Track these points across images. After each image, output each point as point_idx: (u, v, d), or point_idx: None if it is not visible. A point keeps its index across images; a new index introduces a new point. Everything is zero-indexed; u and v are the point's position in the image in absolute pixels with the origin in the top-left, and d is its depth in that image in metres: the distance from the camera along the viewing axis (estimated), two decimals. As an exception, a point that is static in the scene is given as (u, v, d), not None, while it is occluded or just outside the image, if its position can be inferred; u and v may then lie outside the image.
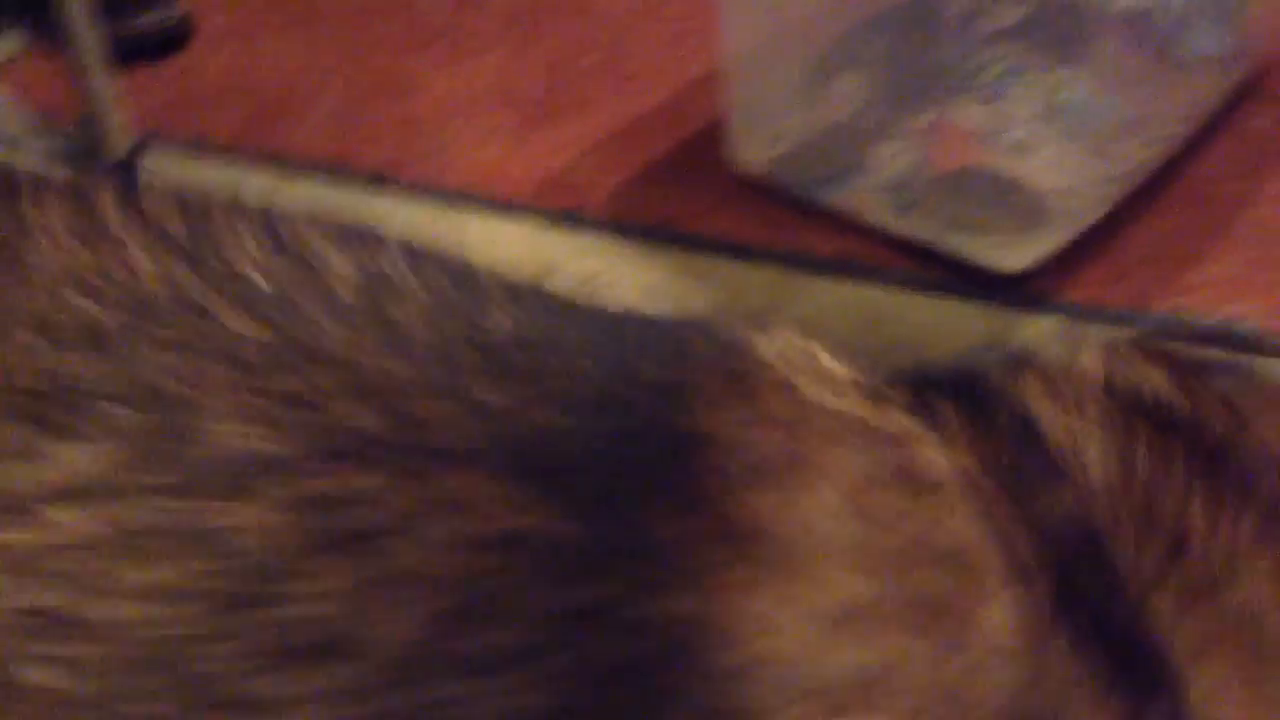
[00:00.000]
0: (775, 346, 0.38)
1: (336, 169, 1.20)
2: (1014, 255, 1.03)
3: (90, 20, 1.12)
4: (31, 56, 1.34)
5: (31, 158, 1.15)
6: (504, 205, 1.15)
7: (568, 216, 1.14)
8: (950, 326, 1.01)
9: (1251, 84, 1.24)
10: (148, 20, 1.36)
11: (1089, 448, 0.38)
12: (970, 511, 0.37)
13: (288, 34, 1.41)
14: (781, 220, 1.11)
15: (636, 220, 1.13)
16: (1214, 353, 0.40)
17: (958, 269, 1.04)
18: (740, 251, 1.08)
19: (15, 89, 1.30)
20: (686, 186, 1.16)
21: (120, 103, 1.16)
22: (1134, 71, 1.17)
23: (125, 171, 1.17)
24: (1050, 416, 0.39)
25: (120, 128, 1.17)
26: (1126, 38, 1.18)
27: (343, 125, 1.29)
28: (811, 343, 0.39)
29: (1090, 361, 0.41)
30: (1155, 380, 0.39)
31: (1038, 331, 1.00)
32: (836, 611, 0.34)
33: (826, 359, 0.38)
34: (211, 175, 1.20)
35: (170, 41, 1.37)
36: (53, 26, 1.13)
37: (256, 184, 0.45)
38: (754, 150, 1.14)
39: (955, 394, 0.39)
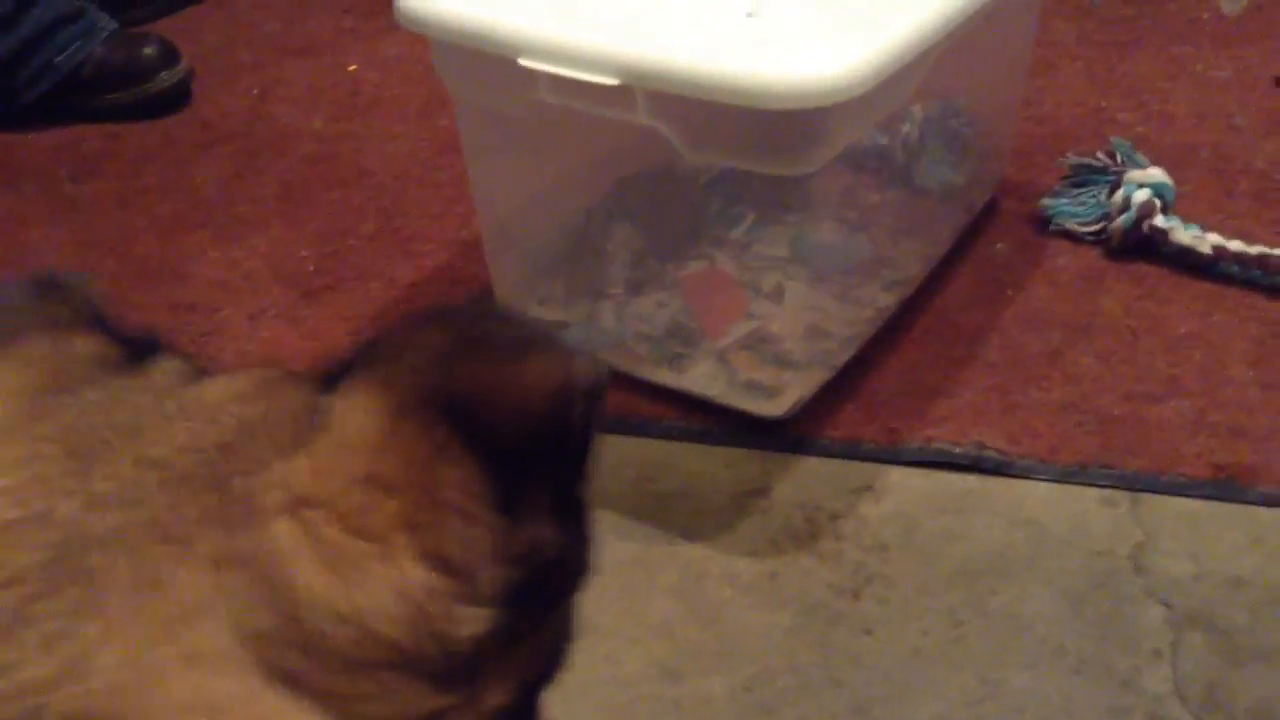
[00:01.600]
0: None
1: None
2: (775, 402, 1.07)
3: None
4: None
5: None
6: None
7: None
8: (721, 473, 1.04)
9: (991, 210, 1.33)
10: None
11: None
12: None
13: (55, 221, 1.40)
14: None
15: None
16: None
17: (723, 416, 1.08)
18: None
19: None
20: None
21: None
22: (874, 211, 1.24)
23: None
24: None
25: None
26: (866, 175, 1.26)
27: (115, 311, 1.28)
28: None
29: None
30: None
31: (802, 471, 1.04)
32: None
33: None
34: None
35: None
36: None
37: None
38: (524, 307, 1.17)
39: None
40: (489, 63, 0.94)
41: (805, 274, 1.16)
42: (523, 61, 0.92)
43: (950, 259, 1.25)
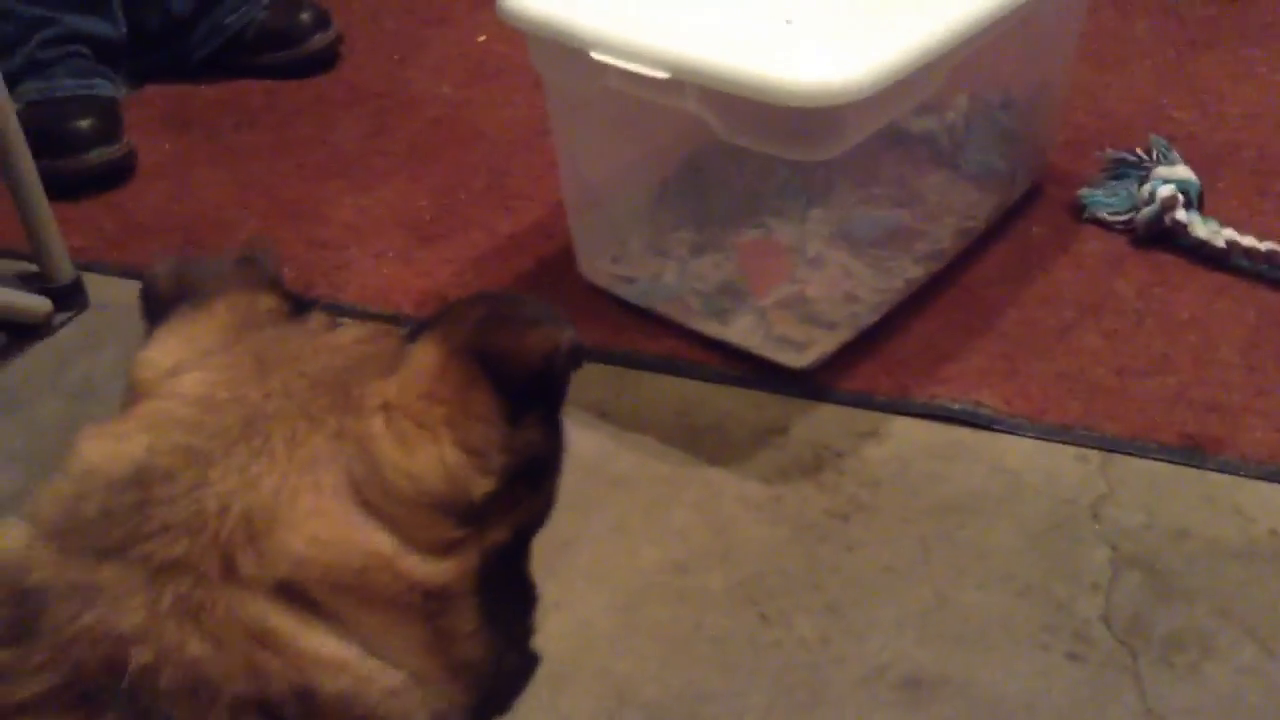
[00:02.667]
0: None
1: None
2: (803, 355, 1.24)
3: (26, 155, 1.33)
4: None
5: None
6: (391, 316, 1.36)
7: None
8: (747, 412, 1.21)
9: (1032, 193, 1.46)
10: (95, 155, 1.57)
11: None
12: None
13: (218, 164, 1.64)
14: (621, 323, 1.32)
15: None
16: None
17: (758, 365, 1.25)
18: (587, 352, 1.28)
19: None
20: (545, 294, 1.37)
21: (60, 232, 1.38)
22: (917, 189, 1.39)
23: (71, 297, 1.38)
24: None
25: (61, 256, 1.38)
26: (913, 158, 1.40)
27: (276, 264, 1.50)
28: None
29: None
30: None
31: (818, 416, 1.20)
32: None
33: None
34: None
35: (115, 175, 1.59)
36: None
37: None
38: (597, 264, 1.36)
39: None
40: (568, 54, 1.13)
41: (846, 245, 1.32)
42: (594, 55, 1.10)
43: (986, 238, 1.39)
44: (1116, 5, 1.84)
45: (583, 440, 1.17)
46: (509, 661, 0.55)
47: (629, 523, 1.10)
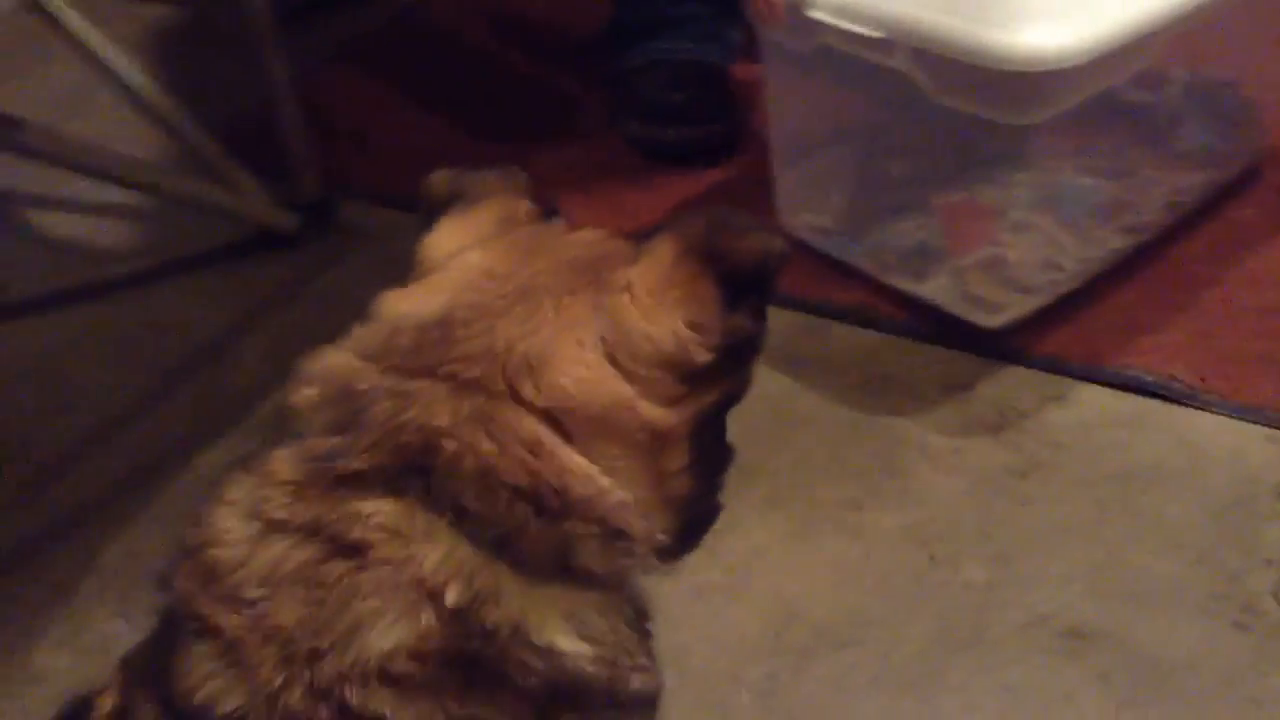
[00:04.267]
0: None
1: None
2: (995, 316, 1.26)
3: (283, 71, 1.47)
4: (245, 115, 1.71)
5: (251, 201, 1.51)
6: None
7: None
8: (934, 367, 1.25)
9: (1248, 175, 1.43)
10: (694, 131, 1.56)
11: None
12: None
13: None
14: (816, 274, 1.36)
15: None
16: None
17: (949, 323, 1.28)
18: (778, 298, 1.34)
19: (234, 144, 1.67)
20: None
21: (312, 153, 1.51)
22: (1128, 161, 1.38)
23: (319, 214, 1.52)
24: None
25: (312, 175, 1.52)
26: (1126, 129, 1.39)
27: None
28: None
29: None
30: None
31: (1006, 376, 1.23)
32: None
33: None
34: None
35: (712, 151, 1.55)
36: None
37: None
38: (798, 216, 1.41)
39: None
40: (786, 9, 1.18)
41: (1051, 212, 1.33)
42: (811, 13, 1.15)
43: (1195, 215, 1.38)
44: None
45: (770, 381, 1.23)
46: (703, 503, 0.66)
47: (809, 459, 1.16)
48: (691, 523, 0.64)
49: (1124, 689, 0.95)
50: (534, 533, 0.58)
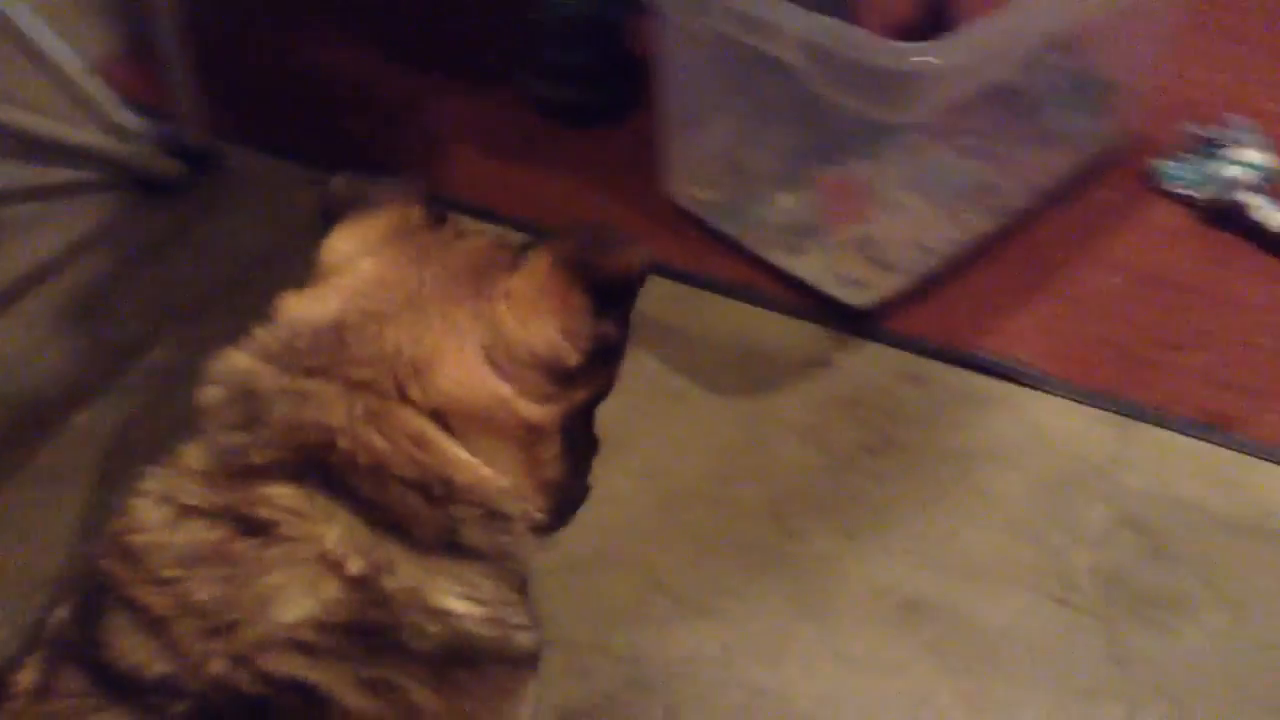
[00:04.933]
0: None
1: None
2: (862, 294, 1.34)
3: (176, 32, 1.47)
4: (129, 58, 1.70)
5: (133, 146, 1.52)
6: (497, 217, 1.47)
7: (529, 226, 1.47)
8: (800, 342, 1.32)
9: (1112, 158, 1.52)
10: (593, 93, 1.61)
11: None
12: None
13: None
14: (700, 246, 1.42)
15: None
16: None
17: (819, 299, 1.35)
18: (659, 268, 1.40)
19: (116, 87, 1.66)
20: (635, 210, 1.47)
21: (200, 100, 1.52)
22: (997, 141, 1.45)
23: (205, 161, 1.53)
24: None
25: (199, 122, 1.53)
26: (997, 108, 1.46)
27: (370, 142, 1.63)
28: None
29: None
30: None
31: (866, 354, 1.31)
32: None
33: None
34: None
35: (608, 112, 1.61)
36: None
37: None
38: (687, 186, 1.46)
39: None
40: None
41: (920, 192, 1.40)
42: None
43: (1058, 198, 1.46)
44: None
45: (649, 356, 1.30)
46: (575, 487, 0.74)
47: (679, 433, 1.23)
48: (564, 503, 0.73)
49: (951, 658, 1.04)
50: (424, 516, 0.64)
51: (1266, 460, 1.18)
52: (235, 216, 1.49)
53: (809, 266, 1.37)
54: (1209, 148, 1.46)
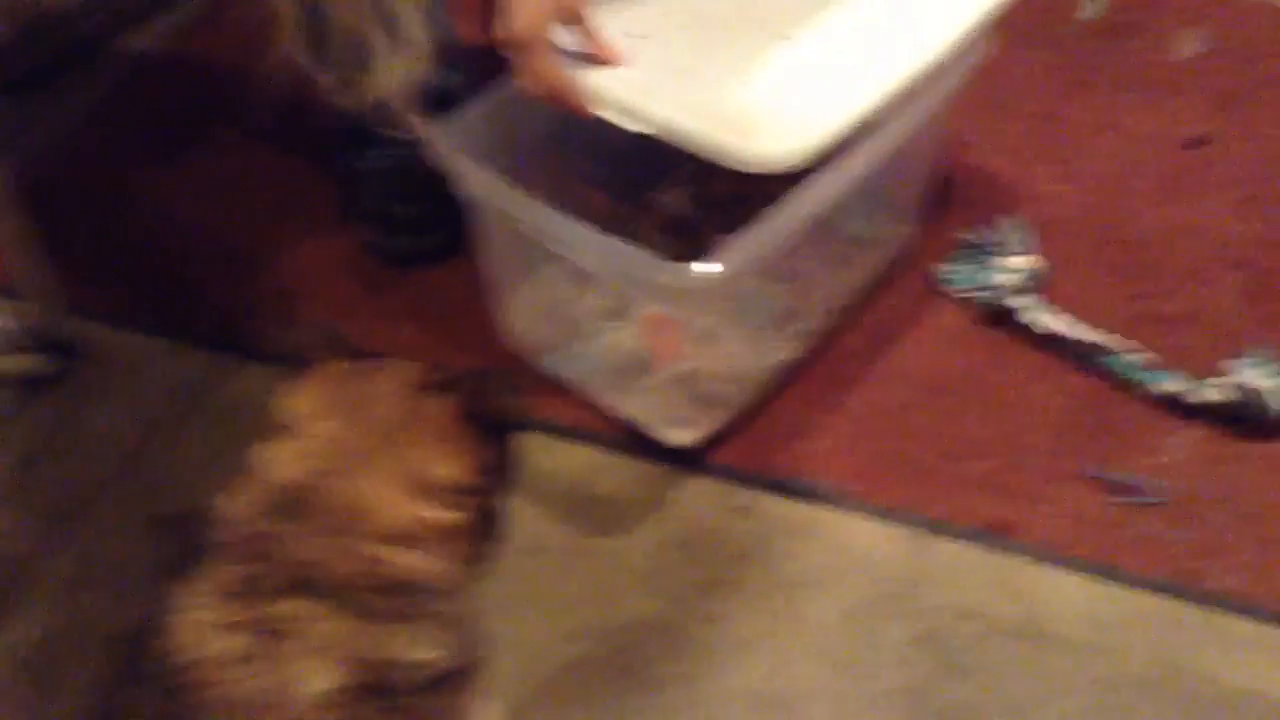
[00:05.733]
0: None
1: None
2: (685, 433, 1.49)
3: (12, 208, 1.51)
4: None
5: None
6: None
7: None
8: (638, 485, 1.47)
9: (900, 263, 1.68)
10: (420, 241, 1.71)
11: None
12: None
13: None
14: (546, 389, 1.55)
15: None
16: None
17: (650, 440, 1.49)
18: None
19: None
20: (473, 354, 1.59)
21: (56, 288, 1.58)
22: (797, 261, 1.60)
23: (70, 350, 1.60)
24: None
25: (59, 311, 1.59)
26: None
27: (215, 302, 1.71)
28: None
29: None
30: None
31: (696, 489, 1.46)
32: None
33: None
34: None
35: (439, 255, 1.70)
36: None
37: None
38: (521, 335, 1.59)
39: None
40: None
41: (735, 322, 1.55)
42: (598, 112, 1.32)
43: (854, 310, 1.62)
44: (1010, 35, 2.00)
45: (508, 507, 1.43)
46: (486, 549, 1.03)
47: (537, 593, 1.37)
48: (480, 563, 1.02)
49: (781, 792, 1.22)
50: (385, 604, 0.92)
51: (1041, 563, 1.38)
52: (105, 404, 1.56)
53: (638, 406, 1.51)
54: (980, 253, 1.64)
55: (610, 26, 1.35)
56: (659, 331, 1.57)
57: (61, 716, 1.27)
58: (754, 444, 1.50)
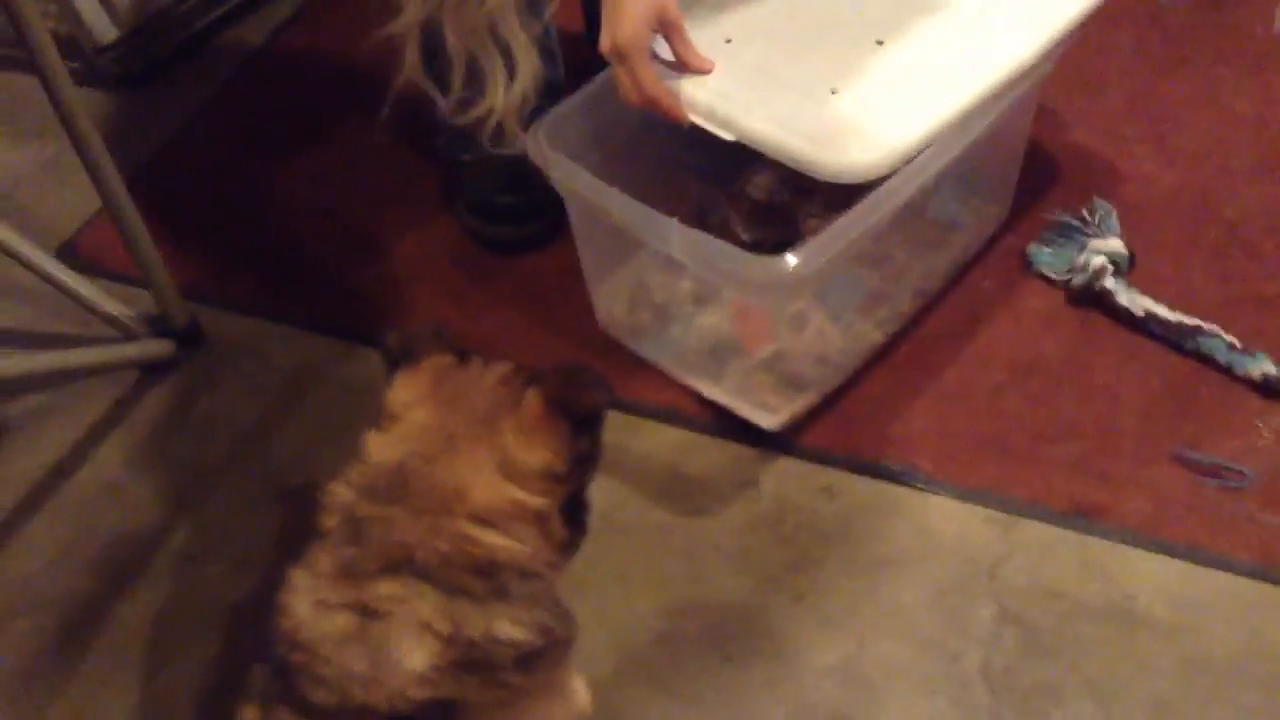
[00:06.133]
0: None
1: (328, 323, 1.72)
2: (774, 417, 1.52)
3: (133, 211, 1.60)
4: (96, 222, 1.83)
5: (130, 345, 1.67)
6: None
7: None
8: (729, 466, 1.51)
9: (992, 244, 1.69)
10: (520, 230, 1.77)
11: None
12: None
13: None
14: (637, 372, 1.60)
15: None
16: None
17: (740, 420, 1.53)
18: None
19: (96, 251, 1.81)
20: (570, 339, 1.65)
21: (171, 280, 1.66)
22: (885, 245, 1.62)
23: (189, 336, 1.69)
24: None
25: (176, 300, 1.67)
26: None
27: (328, 288, 1.79)
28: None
29: None
30: None
31: (784, 470, 1.50)
32: None
33: None
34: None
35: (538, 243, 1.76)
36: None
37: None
38: (613, 318, 1.64)
39: None
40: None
41: (822, 306, 1.58)
42: (691, 116, 1.38)
43: (948, 290, 1.63)
44: (1103, 13, 1.98)
45: (600, 487, 1.46)
46: (576, 536, 1.08)
47: (628, 570, 1.43)
48: (570, 547, 1.07)
49: (866, 766, 1.26)
50: (480, 584, 0.98)
51: (1129, 545, 1.39)
52: (223, 388, 1.66)
53: (728, 389, 1.55)
54: (1073, 233, 1.64)
55: (705, 31, 1.39)
56: (748, 317, 1.61)
57: (179, 687, 1.37)
58: (842, 426, 1.53)
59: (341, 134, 1.98)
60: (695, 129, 1.37)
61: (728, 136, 1.35)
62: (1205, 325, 1.52)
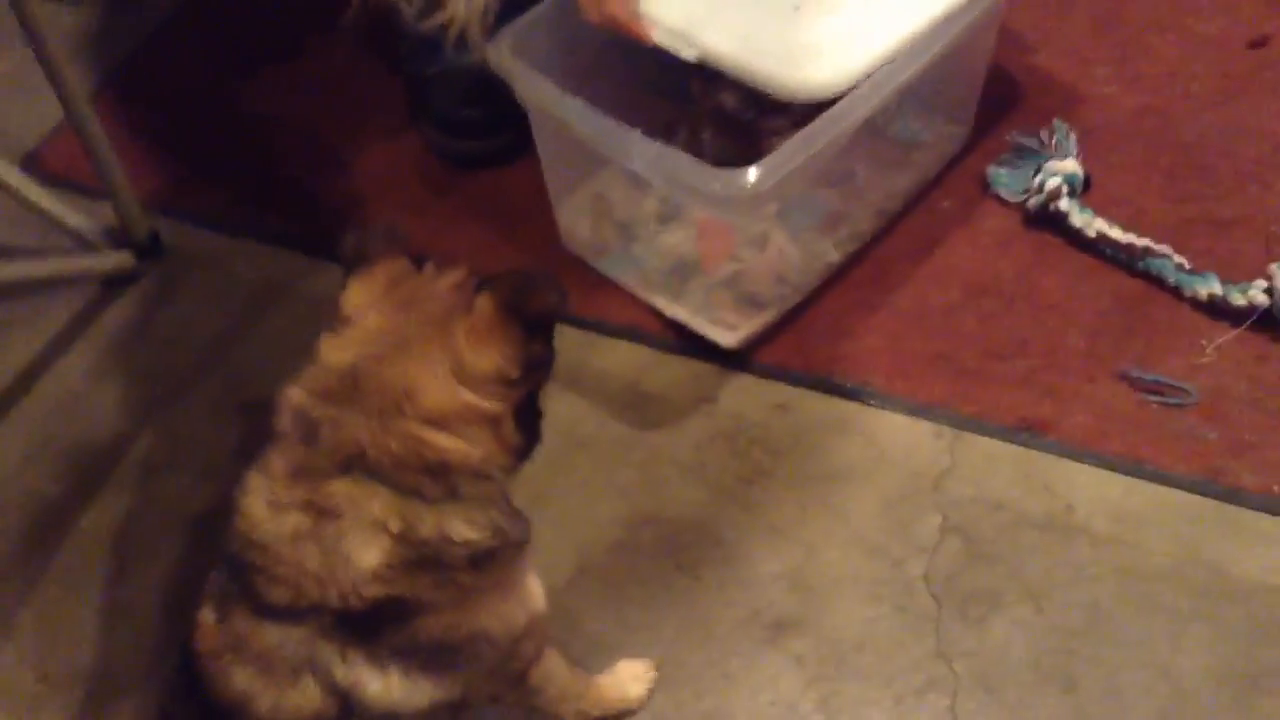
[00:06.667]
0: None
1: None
2: (732, 334, 1.55)
3: (91, 109, 1.60)
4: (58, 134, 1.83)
5: (91, 256, 1.68)
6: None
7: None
8: (686, 382, 1.54)
9: (953, 164, 1.71)
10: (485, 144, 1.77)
11: None
12: None
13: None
14: (599, 290, 1.62)
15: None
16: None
17: (699, 337, 1.56)
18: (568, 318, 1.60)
19: (58, 163, 1.81)
20: (533, 256, 1.67)
21: (133, 194, 1.67)
22: (847, 164, 1.64)
23: (150, 249, 1.70)
24: None
25: (138, 214, 1.68)
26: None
27: (292, 202, 1.80)
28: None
29: None
30: None
31: (740, 387, 1.53)
32: None
33: None
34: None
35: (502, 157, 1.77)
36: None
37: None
38: (576, 235, 1.65)
39: None
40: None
41: (784, 226, 1.60)
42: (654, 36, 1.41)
43: (908, 209, 1.65)
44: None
45: (559, 403, 1.51)
46: (529, 443, 1.07)
47: (590, 480, 1.46)
48: (523, 452, 1.06)
49: (812, 668, 1.31)
50: (432, 484, 0.99)
51: (1072, 459, 1.43)
52: (185, 300, 1.68)
53: (688, 309, 1.58)
54: (1032, 155, 1.66)
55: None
56: (710, 235, 1.62)
57: (144, 592, 1.40)
58: (798, 343, 1.56)
59: (307, 47, 1.98)
60: (658, 48, 1.38)
61: (690, 55, 1.36)
62: (1155, 246, 1.55)
